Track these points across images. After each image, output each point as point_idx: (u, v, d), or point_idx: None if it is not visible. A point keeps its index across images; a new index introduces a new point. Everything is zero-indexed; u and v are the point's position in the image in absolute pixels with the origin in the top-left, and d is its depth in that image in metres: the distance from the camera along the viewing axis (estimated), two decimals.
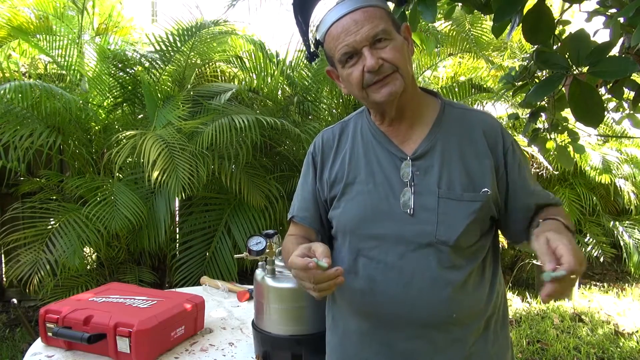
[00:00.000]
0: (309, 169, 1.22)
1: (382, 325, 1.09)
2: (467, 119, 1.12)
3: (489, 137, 1.09)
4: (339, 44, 1.02)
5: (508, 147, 1.10)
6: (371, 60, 0.99)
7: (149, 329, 1.36)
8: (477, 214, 1.04)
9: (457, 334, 1.07)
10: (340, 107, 4.25)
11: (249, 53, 4.16)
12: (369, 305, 1.10)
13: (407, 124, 1.11)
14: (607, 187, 4.89)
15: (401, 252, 1.05)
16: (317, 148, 1.21)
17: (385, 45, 1.01)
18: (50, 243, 3.00)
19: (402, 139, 1.11)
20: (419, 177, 1.06)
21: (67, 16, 3.91)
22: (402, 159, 1.08)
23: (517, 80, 1.96)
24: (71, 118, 3.28)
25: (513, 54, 4.72)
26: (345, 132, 1.19)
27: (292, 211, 1.25)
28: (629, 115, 2.14)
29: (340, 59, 1.04)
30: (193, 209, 3.69)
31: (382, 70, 1.01)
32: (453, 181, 1.05)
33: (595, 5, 1.66)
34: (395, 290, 1.05)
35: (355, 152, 1.14)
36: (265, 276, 1.40)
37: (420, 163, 1.07)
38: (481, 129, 1.10)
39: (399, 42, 1.04)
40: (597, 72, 1.19)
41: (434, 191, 1.05)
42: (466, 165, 1.07)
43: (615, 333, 3.77)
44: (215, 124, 3.11)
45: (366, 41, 1.00)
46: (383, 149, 1.11)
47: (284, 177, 3.91)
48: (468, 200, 1.04)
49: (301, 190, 1.24)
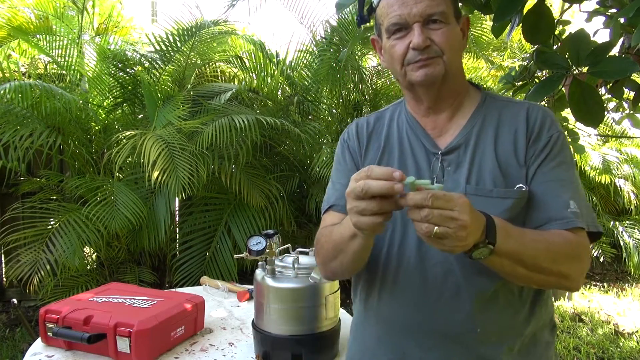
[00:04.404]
0: (344, 156, 1.12)
1: (397, 332, 1.02)
2: (509, 110, 1.02)
3: (531, 126, 0.98)
4: (391, 12, 0.95)
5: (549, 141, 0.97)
6: (419, 38, 0.92)
7: (149, 329, 1.36)
8: (509, 212, 0.93)
9: (483, 352, 0.95)
10: (340, 107, 4.25)
11: (249, 53, 4.16)
12: (385, 308, 1.03)
13: (446, 116, 1.04)
14: (607, 187, 4.89)
15: (423, 253, 0.97)
16: (350, 135, 1.13)
17: (439, 27, 0.94)
18: (50, 243, 3.00)
19: (439, 132, 1.03)
20: (449, 173, 0.99)
21: (67, 16, 3.91)
22: (434, 154, 1.01)
23: (517, 80, 1.96)
24: (71, 118, 3.28)
25: (513, 54, 4.73)
26: (381, 120, 1.12)
27: (329, 201, 1.10)
28: (629, 115, 2.14)
29: (389, 29, 0.97)
30: (193, 209, 3.69)
31: (427, 51, 0.94)
32: (483, 176, 0.96)
33: (595, 5, 1.66)
34: (413, 294, 0.98)
35: (390, 142, 1.07)
36: (265, 276, 1.40)
37: (452, 158, 1.00)
38: (524, 119, 0.99)
39: (455, 30, 0.97)
40: (597, 72, 1.19)
41: (462, 187, 0.96)
42: (501, 159, 0.97)
43: (615, 333, 3.77)
44: (215, 124, 3.12)
45: (420, 17, 0.93)
46: (417, 140, 1.04)
47: (284, 177, 3.91)
48: (499, 197, 0.94)
49: (338, 179, 1.12)
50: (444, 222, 0.73)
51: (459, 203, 0.74)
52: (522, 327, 0.97)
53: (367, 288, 1.07)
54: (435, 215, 0.73)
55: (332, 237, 0.98)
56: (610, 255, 5.02)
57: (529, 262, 0.85)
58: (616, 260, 5.25)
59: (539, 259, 0.86)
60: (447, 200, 0.74)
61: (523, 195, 0.94)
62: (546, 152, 0.96)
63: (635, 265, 4.92)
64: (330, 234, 1.00)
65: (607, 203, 5.27)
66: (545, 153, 0.96)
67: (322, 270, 1.08)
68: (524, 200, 0.95)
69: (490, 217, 0.83)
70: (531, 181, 0.95)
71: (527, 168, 0.96)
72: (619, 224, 5.10)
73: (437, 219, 0.73)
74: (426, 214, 0.73)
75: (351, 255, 0.94)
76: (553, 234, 0.90)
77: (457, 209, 0.74)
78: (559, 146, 0.97)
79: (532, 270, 0.87)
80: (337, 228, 0.97)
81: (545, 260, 0.87)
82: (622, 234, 5.01)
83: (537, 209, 0.94)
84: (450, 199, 0.74)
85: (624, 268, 5.15)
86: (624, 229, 5.07)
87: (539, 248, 0.86)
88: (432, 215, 0.73)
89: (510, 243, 0.83)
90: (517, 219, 0.93)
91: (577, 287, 0.94)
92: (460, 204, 0.74)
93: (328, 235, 1.01)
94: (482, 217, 0.81)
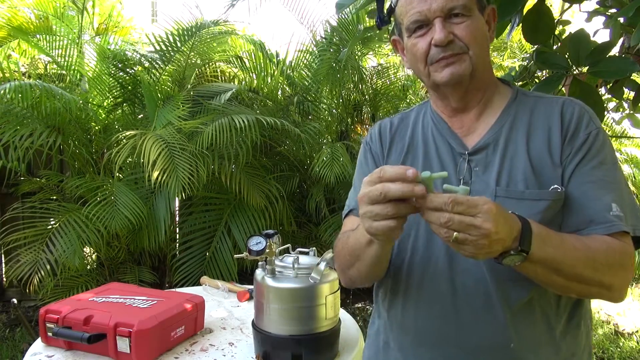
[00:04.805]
0: (366, 159, 1.08)
1: (424, 343, 0.94)
2: (542, 106, 0.95)
3: (566, 123, 0.91)
4: (410, 10, 0.91)
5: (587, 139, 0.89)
6: (441, 33, 0.87)
7: (149, 329, 1.36)
8: (543, 214, 0.86)
9: None
10: (340, 107, 4.25)
11: (249, 53, 4.16)
12: (411, 317, 0.96)
13: (474, 114, 0.98)
14: None
15: (451, 259, 0.90)
16: (373, 136, 1.08)
17: (461, 21, 0.89)
18: (50, 243, 3.00)
19: (466, 131, 0.98)
20: (477, 174, 0.93)
21: (67, 16, 3.91)
22: (460, 154, 0.95)
23: (517, 80, 1.96)
24: (71, 118, 3.28)
25: (513, 54, 4.73)
26: (405, 121, 1.07)
27: (350, 205, 1.06)
28: (629, 115, 2.14)
29: (409, 27, 0.92)
30: (193, 209, 3.69)
31: (451, 47, 0.89)
32: (515, 177, 0.89)
33: (595, 5, 1.66)
34: (440, 304, 0.91)
35: (414, 142, 1.02)
36: (265, 276, 1.40)
37: (480, 158, 0.93)
38: (559, 115, 0.92)
39: (479, 22, 0.91)
40: (597, 72, 1.20)
41: (491, 189, 0.90)
42: (533, 158, 0.90)
43: (615, 333, 3.76)
44: (215, 124, 3.12)
45: (441, 12, 0.88)
46: (444, 140, 0.98)
47: (284, 177, 3.91)
48: (532, 198, 0.87)
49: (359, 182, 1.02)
50: (465, 229, 0.70)
51: (484, 210, 0.69)
52: (559, 343, 0.90)
53: (389, 297, 1.01)
54: (456, 221, 0.69)
55: (349, 244, 0.94)
56: None
57: (566, 270, 0.80)
58: None
59: (578, 268, 0.80)
60: (469, 206, 0.69)
61: (559, 197, 0.87)
62: (584, 150, 0.89)
63: (636, 265, 4.92)
64: (347, 240, 0.96)
65: None
66: (584, 152, 0.89)
67: (341, 278, 1.04)
68: (560, 202, 0.88)
69: (527, 222, 0.77)
70: (568, 183, 0.88)
71: (564, 168, 0.89)
72: None
73: (457, 226, 0.70)
74: (446, 220, 0.70)
75: (369, 262, 0.90)
76: (595, 240, 0.83)
77: (481, 216, 0.69)
78: (599, 144, 0.90)
79: (571, 279, 0.81)
80: (354, 234, 0.92)
81: (586, 269, 0.81)
82: None
83: (575, 212, 0.87)
84: (473, 204, 0.70)
85: None
86: None
87: (578, 257, 0.80)
88: (452, 221, 0.69)
89: (546, 250, 0.77)
90: (553, 223, 0.86)
91: (620, 298, 0.87)
92: (485, 211, 0.69)
93: (345, 242, 0.97)
94: (517, 222, 0.76)
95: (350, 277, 0.99)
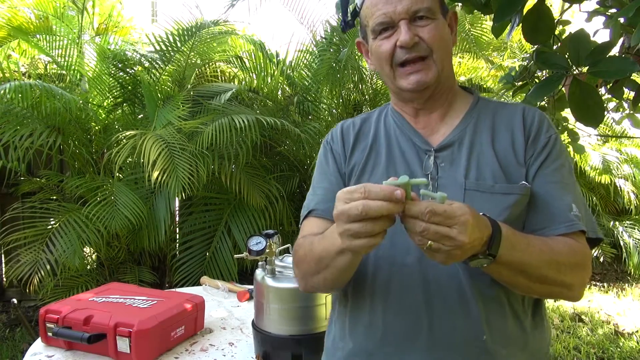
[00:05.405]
0: (327, 159, 1.07)
1: (394, 343, 0.91)
2: (504, 111, 0.99)
3: (528, 126, 0.95)
4: (375, 12, 0.92)
5: (548, 142, 0.94)
6: (406, 35, 0.89)
7: (149, 329, 1.36)
8: (512, 209, 0.88)
9: None
10: (340, 107, 4.25)
11: (249, 53, 4.16)
12: (380, 316, 0.93)
13: (438, 115, 1.00)
14: (607, 187, 4.89)
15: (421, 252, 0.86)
16: (335, 136, 1.08)
17: (426, 24, 0.91)
18: (50, 243, 3.00)
19: (430, 131, 1.00)
20: (443, 169, 0.94)
21: (67, 16, 3.91)
22: (426, 152, 0.96)
23: (517, 80, 1.96)
24: (71, 118, 3.28)
25: (513, 54, 4.73)
26: (368, 121, 1.07)
27: (309, 206, 1.03)
28: (629, 115, 2.14)
29: (374, 29, 0.94)
30: (193, 209, 3.69)
31: (416, 49, 0.91)
32: (483, 172, 0.91)
33: (595, 5, 1.66)
34: (412, 297, 0.90)
35: (378, 142, 1.03)
36: (265, 276, 1.40)
37: (446, 155, 0.95)
38: (520, 119, 0.96)
39: (442, 26, 0.94)
40: (597, 72, 1.19)
41: (460, 183, 0.91)
42: (500, 156, 0.93)
43: (615, 333, 3.76)
44: (215, 124, 3.12)
45: (406, 14, 0.90)
46: (407, 138, 1.00)
47: (284, 177, 3.91)
48: (501, 192, 0.89)
49: (319, 182, 1.06)
50: (440, 239, 0.69)
51: (461, 221, 0.69)
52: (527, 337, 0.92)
53: (352, 298, 0.97)
54: (431, 231, 0.69)
55: (314, 251, 0.90)
56: (610, 255, 5.02)
57: (531, 272, 0.82)
58: (616, 260, 5.25)
59: (543, 269, 0.82)
60: (446, 217, 0.69)
61: (527, 192, 0.90)
62: (546, 152, 0.93)
63: (635, 265, 4.92)
64: (311, 247, 0.92)
65: (607, 203, 5.27)
66: (546, 154, 0.93)
67: (301, 284, 0.99)
68: (527, 198, 0.90)
69: (498, 226, 0.78)
70: (532, 182, 0.92)
71: (527, 168, 0.92)
72: (619, 224, 5.10)
73: (433, 236, 0.69)
74: (422, 229, 0.69)
75: (337, 271, 0.87)
76: (558, 241, 0.86)
77: (457, 228, 0.69)
78: (558, 148, 0.95)
79: (535, 280, 0.83)
80: (320, 241, 0.89)
81: (550, 270, 0.83)
82: (622, 234, 5.02)
83: (539, 210, 0.91)
84: (451, 215, 0.69)
85: (624, 268, 5.15)
86: (624, 229, 5.08)
87: (543, 259, 0.82)
88: (427, 231, 0.69)
89: (513, 254, 0.79)
90: (519, 220, 0.90)
91: (579, 296, 0.91)
92: (462, 222, 0.69)
93: (309, 248, 0.92)
94: (488, 227, 0.76)
95: (312, 285, 0.96)
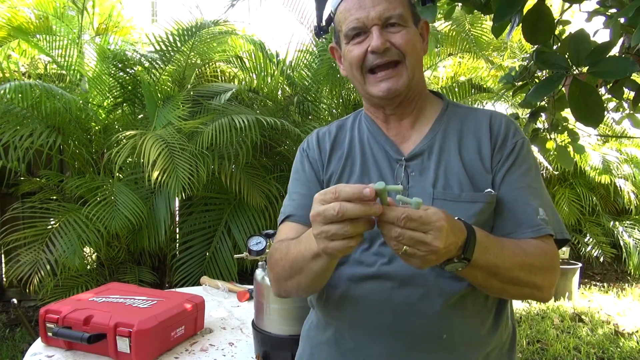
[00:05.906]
0: (303, 165, 1.09)
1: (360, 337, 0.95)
2: (472, 117, 1.02)
3: (495, 133, 0.98)
4: (349, 17, 0.94)
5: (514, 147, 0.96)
6: (378, 40, 0.91)
7: (149, 329, 1.36)
8: (478, 216, 0.91)
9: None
10: (340, 107, 4.25)
11: (249, 53, 4.16)
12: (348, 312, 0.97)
13: (408, 122, 1.02)
14: (607, 187, 4.89)
15: (391, 256, 0.92)
16: (311, 144, 1.09)
17: (398, 30, 0.93)
18: (50, 243, 3.00)
19: (401, 139, 1.02)
20: (414, 179, 0.97)
21: (67, 16, 3.91)
22: (397, 160, 0.99)
23: (517, 80, 1.96)
24: (71, 118, 3.28)
25: (513, 54, 4.73)
26: (343, 128, 1.09)
27: (285, 212, 1.05)
28: (629, 115, 2.14)
29: (347, 34, 0.95)
30: (193, 209, 3.69)
31: (387, 54, 0.93)
32: (450, 181, 0.95)
33: (595, 5, 1.66)
34: (380, 296, 0.92)
35: (352, 151, 1.04)
36: (265, 276, 1.40)
37: (416, 164, 0.98)
38: (487, 125, 0.99)
39: (414, 33, 0.96)
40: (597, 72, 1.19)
41: (428, 192, 0.94)
42: (467, 164, 0.96)
43: (615, 333, 3.77)
44: (215, 124, 3.12)
45: (378, 20, 0.92)
46: (379, 147, 1.02)
47: (284, 177, 3.91)
48: (467, 201, 0.92)
49: (294, 188, 1.09)
50: (415, 244, 0.70)
51: (436, 227, 0.70)
52: (487, 339, 0.95)
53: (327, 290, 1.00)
54: (407, 237, 0.70)
55: (290, 255, 0.91)
56: (610, 255, 5.02)
57: (504, 274, 0.84)
58: (616, 260, 5.25)
59: (515, 271, 0.84)
60: (422, 223, 0.70)
61: (492, 200, 0.93)
62: (512, 158, 0.95)
63: (635, 265, 4.92)
64: (287, 251, 0.92)
65: (607, 203, 5.27)
66: (512, 159, 0.95)
67: (274, 288, 1.00)
68: (493, 205, 0.93)
69: (473, 230, 0.79)
70: (499, 188, 0.94)
71: (494, 174, 0.95)
72: (619, 224, 5.11)
73: (408, 241, 0.70)
74: (397, 235, 0.70)
75: (312, 276, 0.88)
76: (530, 244, 0.88)
77: (432, 234, 0.70)
78: (525, 153, 0.97)
79: (507, 282, 0.85)
80: (295, 245, 0.90)
81: (522, 272, 0.85)
82: (622, 234, 5.02)
83: (506, 215, 0.93)
84: (426, 221, 0.70)
85: (624, 268, 5.15)
86: (624, 229, 5.08)
87: (516, 261, 0.84)
88: (403, 237, 0.70)
89: (488, 258, 0.81)
90: (486, 225, 0.92)
91: (548, 297, 0.93)
92: (437, 228, 0.70)
93: (284, 252, 0.93)
94: (463, 232, 0.77)
95: (286, 289, 0.97)
